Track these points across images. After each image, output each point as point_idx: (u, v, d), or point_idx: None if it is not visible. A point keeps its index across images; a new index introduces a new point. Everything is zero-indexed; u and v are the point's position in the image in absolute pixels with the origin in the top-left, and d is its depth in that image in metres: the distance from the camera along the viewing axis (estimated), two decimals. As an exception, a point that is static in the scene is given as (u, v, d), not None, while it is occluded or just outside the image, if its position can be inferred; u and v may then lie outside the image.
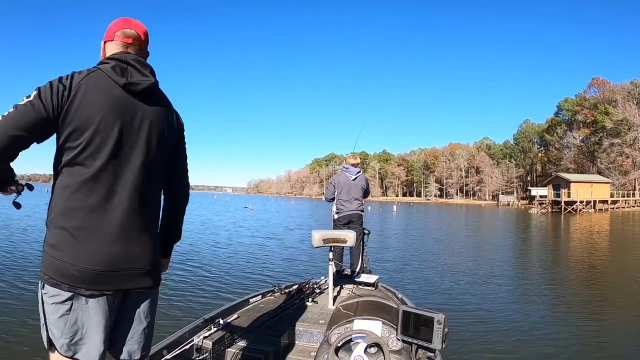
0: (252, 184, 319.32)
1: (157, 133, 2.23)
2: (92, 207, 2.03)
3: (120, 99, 2.09)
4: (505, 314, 8.65)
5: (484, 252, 19.24)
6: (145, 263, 2.19)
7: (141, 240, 2.18)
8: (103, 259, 2.02)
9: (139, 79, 2.15)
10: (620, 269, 15.25)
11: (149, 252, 2.22)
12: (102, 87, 2.06)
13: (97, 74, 2.09)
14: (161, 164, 2.30)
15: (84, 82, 2.03)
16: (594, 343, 7.15)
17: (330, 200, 7.65)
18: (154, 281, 2.28)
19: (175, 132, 2.38)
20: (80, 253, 1.99)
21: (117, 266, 2.07)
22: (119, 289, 2.11)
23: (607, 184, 78.05)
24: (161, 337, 3.73)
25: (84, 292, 2.01)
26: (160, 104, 2.29)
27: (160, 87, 2.36)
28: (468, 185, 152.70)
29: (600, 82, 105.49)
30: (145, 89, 2.18)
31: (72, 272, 1.98)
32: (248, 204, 74.09)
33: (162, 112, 2.28)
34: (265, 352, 3.83)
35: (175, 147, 2.41)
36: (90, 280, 2.00)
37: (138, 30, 2.30)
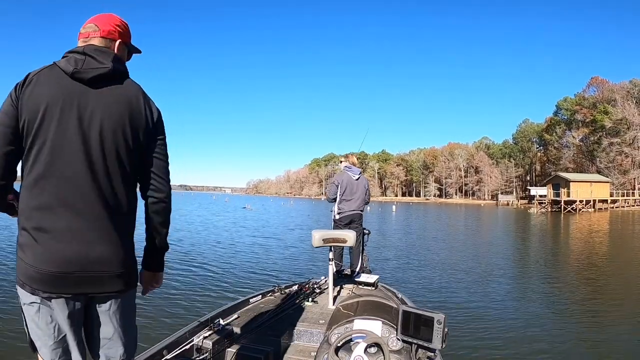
0: (251, 184, 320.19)
1: (114, 124, 2.06)
2: (46, 207, 1.95)
3: (67, 89, 2.00)
4: (505, 314, 8.64)
5: (483, 251, 19.23)
6: (109, 266, 2.04)
7: (104, 241, 2.03)
8: (60, 260, 1.93)
9: (91, 67, 2.04)
10: (619, 268, 15.22)
11: (114, 254, 2.06)
12: (50, 79, 2.00)
13: (51, 67, 2.04)
14: (123, 158, 2.10)
15: (35, 77, 2.00)
16: (594, 342, 7.15)
17: (333, 200, 7.64)
18: (124, 284, 2.13)
19: (142, 123, 2.18)
20: (38, 254, 1.93)
21: (76, 268, 1.95)
22: (79, 293, 2.01)
23: (607, 183, 78.13)
24: (161, 337, 3.74)
25: (42, 295, 1.95)
26: (121, 92, 2.13)
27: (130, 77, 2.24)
28: (467, 185, 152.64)
29: (600, 82, 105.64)
30: (97, 76, 2.04)
31: (32, 273, 1.93)
32: (247, 204, 73.99)
33: (122, 101, 2.11)
34: (265, 352, 3.82)
35: (144, 142, 2.20)
36: (48, 283, 1.93)
37: (98, 23, 2.21)
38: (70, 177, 1.98)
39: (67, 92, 2.00)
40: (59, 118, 1.98)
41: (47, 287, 1.94)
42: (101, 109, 2.05)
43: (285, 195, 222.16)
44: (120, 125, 2.09)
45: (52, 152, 1.96)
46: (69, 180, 1.97)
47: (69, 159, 1.98)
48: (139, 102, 2.19)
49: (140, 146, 2.19)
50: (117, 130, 2.08)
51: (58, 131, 1.97)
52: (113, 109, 2.08)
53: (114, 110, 2.08)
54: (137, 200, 2.27)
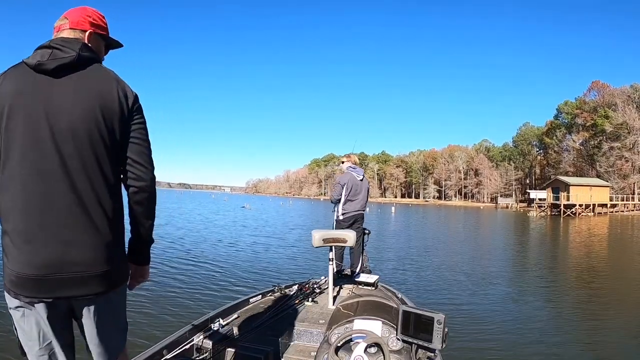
0: (250, 183, 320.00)
1: (84, 113, 1.94)
2: (20, 208, 1.87)
3: (30, 82, 1.92)
4: (505, 314, 8.68)
5: (483, 253, 19.28)
6: (89, 266, 1.94)
7: (82, 241, 1.93)
8: (37, 263, 1.86)
9: (53, 57, 1.94)
10: (618, 273, 15.28)
11: (94, 253, 1.96)
12: (15, 75, 1.94)
13: (17, 65, 1.98)
14: (98, 149, 1.98)
15: (2, 76, 1.95)
16: (592, 343, 7.18)
17: (338, 201, 7.61)
18: (106, 285, 2.02)
19: (116, 110, 2.04)
20: (16, 258, 1.87)
21: (53, 270, 1.87)
22: (58, 297, 1.92)
23: (607, 187, 78.02)
24: (161, 337, 3.73)
25: (24, 300, 1.91)
26: (89, 80, 2.01)
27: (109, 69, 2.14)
28: (467, 188, 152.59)
29: (600, 86, 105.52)
30: (60, 66, 1.94)
31: (13, 278, 1.89)
32: (246, 203, 73.94)
33: (90, 89, 1.99)
34: (265, 352, 3.82)
35: (120, 129, 2.07)
36: (27, 286, 1.88)
37: (69, 15, 2.14)
38: (42, 175, 1.89)
39: (30, 85, 1.92)
40: (24, 114, 1.89)
41: (27, 291, 1.90)
42: (68, 99, 1.95)
43: (284, 195, 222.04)
44: (92, 114, 1.97)
45: (22, 150, 1.88)
46: (41, 178, 1.89)
47: (40, 156, 1.89)
48: (110, 89, 2.06)
49: (117, 134, 2.06)
50: (89, 119, 1.96)
51: (26, 127, 1.89)
52: (81, 98, 1.97)
53: (83, 98, 1.97)
54: (122, 195, 2.17)
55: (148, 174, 2.16)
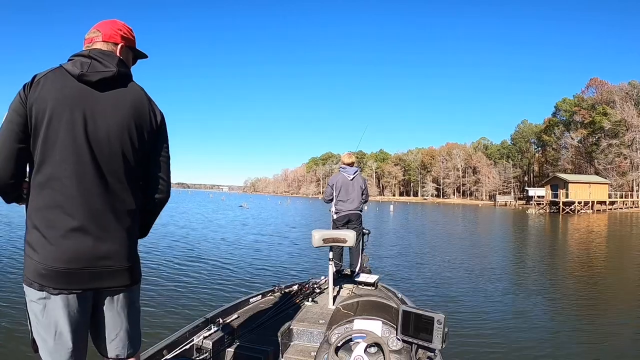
0: (248, 182, 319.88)
1: (120, 126, 2.14)
2: (56, 204, 1.99)
3: (74, 91, 2.06)
4: (505, 314, 8.68)
5: (483, 252, 19.26)
6: (116, 261, 2.12)
7: (111, 237, 2.11)
8: (70, 256, 1.99)
9: (96, 70, 2.10)
10: (618, 271, 15.28)
11: (120, 249, 2.14)
12: (57, 82, 2.05)
13: (57, 70, 2.09)
14: (129, 158, 2.18)
15: (43, 79, 2.04)
16: (593, 341, 7.17)
17: (329, 201, 7.66)
18: (130, 279, 2.21)
19: (147, 126, 2.27)
20: (48, 251, 1.97)
21: (85, 264, 2.02)
22: (89, 288, 2.07)
23: (605, 184, 77.80)
24: (161, 337, 3.74)
25: (52, 291, 1.98)
26: (125, 95, 2.20)
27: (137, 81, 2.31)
28: (465, 185, 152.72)
29: (599, 83, 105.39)
30: (103, 79, 2.11)
31: (41, 270, 1.96)
32: (243, 202, 73.89)
33: (127, 104, 2.18)
34: (265, 352, 3.84)
35: (149, 143, 2.29)
36: (58, 279, 1.98)
37: (102, 28, 2.27)
38: (80, 177, 2.03)
39: (74, 94, 2.05)
40: (67, 120, 2.03)
41: (57, 283, 1.98)
42: (107, 112, 2.11)
43: (282, 194, 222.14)
44: (126, 127, 2.16)
45: (61, 153, 2.01)
46: (78, 179, 2.03)
47: (79, 160, 2.03)
48: (143, 105, 2.27)
49: (145, 148, 2.27)
50: (123, 131, 2.14)
51: (67, 133, 2.02)
52: (119, 112, 2.14)
53: (120, 112, 2.15)
54: (140, 199, 2.31)
55: (169, 187, 2.44)
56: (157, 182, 2.37)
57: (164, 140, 2.38)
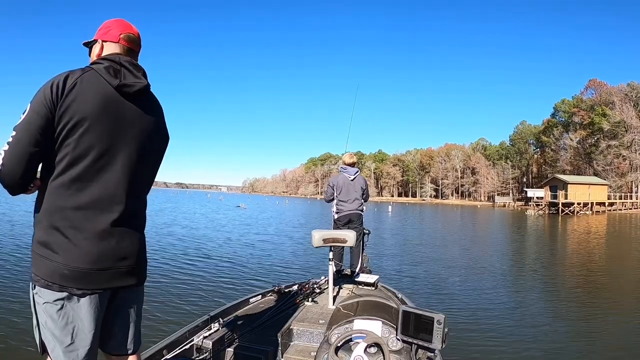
0: (247, 183, 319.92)
1: (147, 135, 2.25)
2: (84, 207, 2.02)
3: (112, 99, 2.10)
4: (505, 314, 8.70)
5: (482, 253, 19.28)
6: (132, 261, 2.19)
7: (130, 239, 2.19)
8: (93, 257, 2.02)
9: (132, 81, 2.17)
10: (618, 271, 15.32)
11: (135, 250, 2.22)
12: (96, 87, 2.06)
13: (91, 74, 2.09)
14: (150, 166, 2.33)
15: (79, 81, 2.03)
16: (593, 341, 7.21)
17: (330, 201, 7.68)
18: (140, 278, 2.30)
19: (164, 135, 2.43)
20: (71, 252, 1.98)
21: (106, 265, 2.07)
22: (109, 287, 2.12)
23: (605, 186, 77.73)
24: (161, 337, 3.75)
25: (76, 292, 2.00)
26: (152, 107, 2.32)
27: (153, 90, 2.38)
28: (464, 186, 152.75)
29: (598, 84, 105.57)
30: (138, 91, 2.19)
31: (63, 271, 1.96)
32: (241, 203, 73.71)
33: (153, 116, 2.31)
34: (265, 351, 3.84)
35: (162, 154, 2.45)
36: (81, 280, 2.00)
37: (138, 36, 2.36)
38: (110, 182, 2.11)
39: (112, 102, 2.11)
40: (104, 127, 2.07)
41: (80, 284, 2.01)
42: (140, 123, 2.22)
43: (281, 194, 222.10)
44: (153, 137, 2.31)
45: (93, 158, 2.05)
46: (106, 185, 2.09)
47: (109, 166, 2.10)
48: (162, 116, 2.43)
49: (161, 157, 2.45)
50: (150, 142, 2.29)
51: (102, 139, 2.07)
52: (148, 124, 2.27)
53: (150, 125, 2.29)
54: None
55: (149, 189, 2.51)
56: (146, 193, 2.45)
57: (162, 158, 2.50)
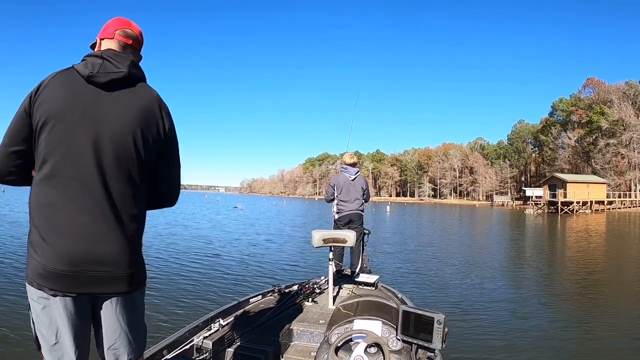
0: (245, 183, 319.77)
1: (126, 128, 2.09)
2: (56, 205, 1.98)
3: (79, 91, 2.04)
4: (505, 314, 8.71)
5: (482, 253, 19.29)
6: (117, 267, 2.05)
7: (112, 242, 2.04)
8: (66, 259, 1.95)
9: (107, 71, 2.08)
10: (618, 271, 15.37)
11: (122, 255, 2.06)
12: (66, 82, 2.05)
13: (67, 71, 2.09)
14: (134, 162, 2.12)
15: (52, 80, 2.05)
16: (593, 341, 7.21)
17: (330, 201, 7.68)
18: (129, 285, 2.13)
19: (154, 130, 2.20)
20: (46, 252, 1.95)
21: (82, 268, 1.97)
22: (84, 292, 2.02)
23: (604, 184, 77.84)
24: (161, 337, 3.74)
25: (49, 292, 1.96)
26: (135, 98, 2.16)
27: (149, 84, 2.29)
28: (462, 186, 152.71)
29: (596, 83, 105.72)
30: (111, 80, 2.08)
31: (40, 270, 1.95)
32: (238, 203, 73.56)
33: (135, 106, 2.13)
34: (265, 352, 3.83)
35: (156, 149, 2.23)
36: (54, 280, 1.95)
37: (137, 33, 2.30)
38: (80, 178, 2.00)
39: (80, 95, 2.04)
40: (72, 120, 2.01)
41: (53, 285, 1.96)
42: (114, 114, 2.07)
43: (279, 194, 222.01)
44: (131, 131, 2.10)
45: (63, 153, 1.99)
46: (79, 180, 2.00)
47: (80, 160, 2.00)
48: (153, 109, 2.21)
49: (152, 154, 2.21)
50: (128, 135, 2.09)
51: (70, 133, 2.00)
52: (125, 114, 2.10)
53: (127, 115, 2.10)
54: (145, 205, 2.28)
55: (174, 196, 2.42)
56: (165, 190, 2.36)
57: (172, 148, 2.33)
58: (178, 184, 2.41)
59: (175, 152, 2.36)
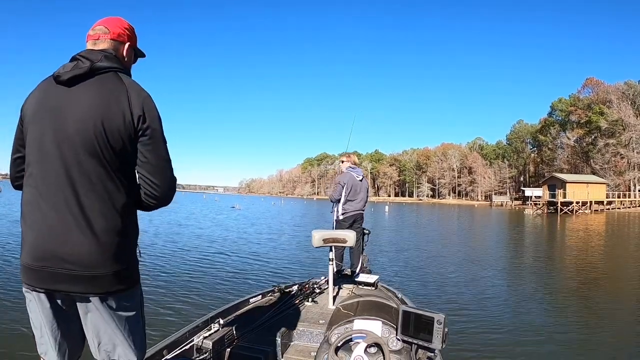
0: (243, 183, 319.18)
1: (83, 122, 1.99)
2: (31, 203, 2.04)
3: (48, 92, 2.09)
4: (505, 314, 8.71)
5: (482, 253, 19.31)
6: (85, 266, 1.97)
7: (81, 241, 1.97)
8: (33, 254, 1.99)
9: (70, 69, 2.05)
10: (617, 271, 15.39)
11: (87, 254, 1.98)
12: (43, 86, 2.13)
13: (49, 77, 2.14)
14: (101, 157, 2.02)
15: (37, 87, 2.15)
16: (593, 341, 7.21)
17: (337, 201, 7.64)
18: (108, 286, 2.04)
19: (118, 123, 2.03)
20: (23, 248, 2.04)
21: (49, 264, 1.95)
22: (50, 289, 2.00)
23: (603, 184, 77.59)
24: (161, 337, 3.74)
25: (26, 287, 2.05)
26: (97, 89, 2.06)
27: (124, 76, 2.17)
28: (460, 186, 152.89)
29: (595, 83, 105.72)
30: (73, 77, 2.03)
31: (21, 266, 2.05)
32: (236, 203, 73.35)
33: (96, 97, 2.03)
34: (265, 352, 3.84)
35: (126, 141, 2.07)
36: (26, 275, 2.02)
37: (108, 25, 2.22)
38: (47, 176, 2.02)
39: (48, 96, 2.09)
40: (39, 120, 2.07)
41: (26, 279, 2.04)
42: (73, 109, 2.02)
43: (277, 194, 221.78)
44: (92, 124, 2.00)
45: (35, 153, 2.06)
46: (47, 178, 2.03)
47: (46, 159, 2.03)
48: (118, 98, 2.07)
49: (122, 147, 2.08)
50: (88, 128, 2.00)
51: (38, 135, 2.06)
52: (84, 108, 2.02)
53: (86, 108, 2.02)
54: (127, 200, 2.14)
55: (160, 192, 2.20)
56: (147, 185, 2.17)
57: (148, 140, 2.13)
58: (166, 178, 2.22)
59: (155, 143, 2.16)
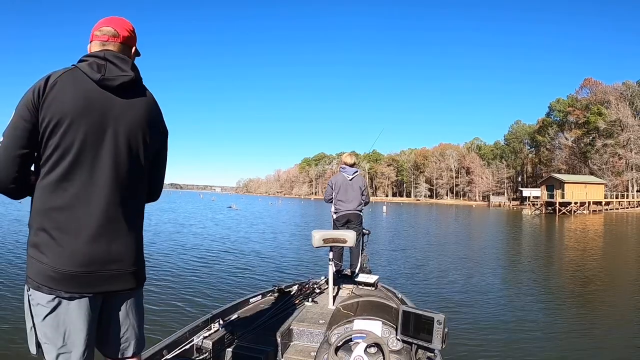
0: (241, 183, 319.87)
1: (136, 130, 2.15)
2: (68, 207, 1.98)
3: (93, 94, 2.04)
4: (505, 314, 8.70)
5: (481, 253, 19.29)
6: (126, 264, 2.13)
7: (122, 241, 2.12)
8: (81, 260, 1.98)
9: (115, 74, 2.09)
10: (617, 271, 15.38)
11: (130, 252, 2.16)
12: (76, 84, 2.03)
13: (73, 71, 2.06)
14: (141, 161, 2.21)
15: (59, 79, 2.01)
16: (592, 341, 7.21)
17: (329, 201, 7.70)
18: (137, 281, 2.23)
19: (158, 132, 2.32)
20: (58, 254, 1.95)
21: (97, 267, 2.02)
22: (99, 291, 2.06)
23: (601, 185, 77.72)
24: (161, 337, 3.74)
25: (64, 295, 1.97)
26: (142, 101, 2.22)
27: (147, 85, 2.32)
28: (458, 186, 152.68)
29: (593, 83, 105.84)
30: (123, 84, 2.11)
31: (50, 273, 1.94)
32: (232, 203, 73.05)
33: (142, 109, 2.20)
34: (265, 352, 3.84)
35: (157, 149, 2.34)
36: (70, 282, 1.96)
37: (116, 28, 2.22)
38: (96, 180, 2.04)
39: (94, 99, 2.05)
40: (88, 125, 2.02)
41: (68, 287, 1.97)
42: (128, 117, 2.13)
43: (275, 194, 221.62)
44: (143, 134, 2.19)
45: (78, 155, 2.00)
46: (94, 182, 2.04)
47: (97, 163, 2.05)
48: (157, 111, 2.32)
49: (155, 153, 2.33)
50: (140, 137, 2.18)
51: (86, 137, 2.02)
52: (138, 118, 2.17)
53: (139, 118, 2.18)
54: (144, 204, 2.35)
55: (159, 193, 2.50)
56: (153, 187, 2.42)
57: (166, 148, 2.44)
58: (163, 182, 2.50)
59: (166, 152, 2.46)
